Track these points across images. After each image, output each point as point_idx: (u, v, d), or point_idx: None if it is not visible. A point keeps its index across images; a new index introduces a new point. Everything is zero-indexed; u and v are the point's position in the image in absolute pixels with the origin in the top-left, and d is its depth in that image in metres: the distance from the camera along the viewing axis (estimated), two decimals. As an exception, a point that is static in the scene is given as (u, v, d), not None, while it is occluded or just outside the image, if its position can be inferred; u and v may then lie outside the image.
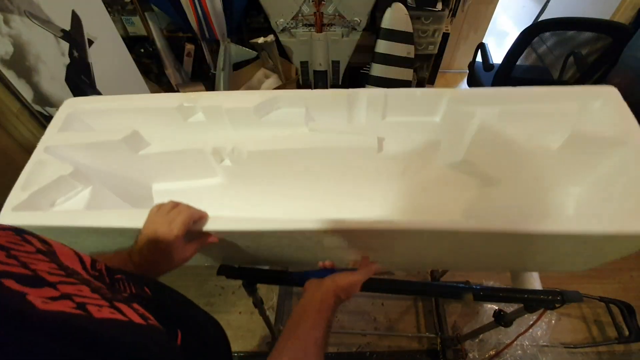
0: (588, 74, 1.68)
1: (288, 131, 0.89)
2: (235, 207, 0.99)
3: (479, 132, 0.87)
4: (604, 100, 0.80)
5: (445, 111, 0.88)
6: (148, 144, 0.89)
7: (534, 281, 0.90)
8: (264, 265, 0.92)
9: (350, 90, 0.86)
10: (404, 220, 0.62)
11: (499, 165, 0.92)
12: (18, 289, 0.25)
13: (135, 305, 0.33)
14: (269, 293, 1.68)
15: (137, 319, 0.31)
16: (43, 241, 0.34)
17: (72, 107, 0.84)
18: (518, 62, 1.72)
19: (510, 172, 0.91)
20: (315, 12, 1.97)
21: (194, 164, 0.92)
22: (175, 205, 0.60)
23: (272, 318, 1.50)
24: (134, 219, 0.61)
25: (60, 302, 0.26)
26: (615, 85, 0.81)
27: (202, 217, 0.62)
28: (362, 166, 0.94)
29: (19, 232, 0.32)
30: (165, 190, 0.97)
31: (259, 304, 1.06)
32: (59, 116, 0.83)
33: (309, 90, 0.87)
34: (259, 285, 0.96)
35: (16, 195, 0.70)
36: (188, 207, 0.60)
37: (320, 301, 0.56)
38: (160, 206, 0.59)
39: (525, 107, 0.85)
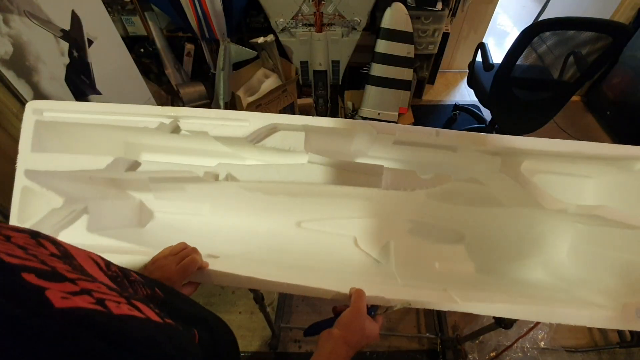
0: (588, 73, 1.67)
1: (285, 158, 0.84)
2: (232, 202, 0.97)
3: (497, 172, 0.81)
4: None
5: (463, 152, 0.81)
6: (134, 161, 0.83)
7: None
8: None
9: (360, 123, 0.78)
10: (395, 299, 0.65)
11: (506, 197, 0.87)
12: (38, 283, 0.25)
13: (152, 305, 0.34)
14: (270, 292, 1.68)
15: (154, 317, 0.32)
16: (58, 244, 0.35)
17: (38, 114, 0.78)
18: (518, 62, 1.72)
19: (517, 203, 0.86)
20: (315, 12, 1.97)
21: (187, 178, 0.89)
22: (184, 247, 0.66)
23: (272, 317, 1.50)
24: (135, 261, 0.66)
25: (80, 297, 0.27)
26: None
27: (203, 266, 0.67)
28: (364, 197, 0.90)
29: (34, 236, 0.33)
30: (163, 185, 0.93)
31: (259, 300, 1.06)
32: (27, 127, 0.78)
33: (311, 118, 0.78)
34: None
35: None
36: (195, 250, 0.67)
37: (329, 352, 0.55)
38: (172, 248, 0.66)
39: (556, 165, 0.79)
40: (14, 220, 0.72)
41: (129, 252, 0.71)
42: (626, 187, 0.79)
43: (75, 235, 0.75)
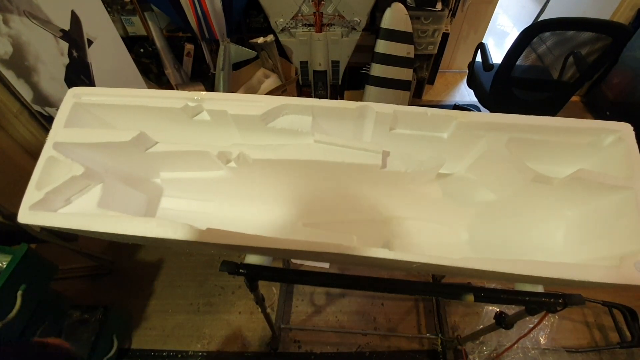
0: (588, 73, 1.68)
1: (294, 140, 0.89)
2: (238, 200, 1.01)
3: (484, 154, 0.87)
4: (616, 138, 0.80)
5: (453, 131, 0.88)
6: (155, 142, 0.90)
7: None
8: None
9: (360, 103, 0.85)
10: (396, 253, 0.65)
11: (499, 186, 0.92)
12: None
13: None
14: (270, 292, 1.68)
15: None
16: None
17: (77, 97, 0.85)
18: (518, 62, 1.72)
19: (509, 193, 0.90)
20: (315, 12, 1.97)
21: (200, 162, 0.93)
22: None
23: (272, 317, 1.50)
24: (137, 227, 0.68)
25: None
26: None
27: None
28: (365, 179, 0.94)
29: None
30: (172, 179, 0.99)
31: (260, 301, 1.05)
32: (65, 106, 0.84)
33: (317, 100, 0.85)
34: (259, 284, 0.96)
35: (32, 194, 0.72)
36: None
37: None
38: None
39: (535, 136, 0.84)
40: (32, 187, 0.73)
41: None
42: (600, 164, 0.84)
43: (86, 206, 0.79)
